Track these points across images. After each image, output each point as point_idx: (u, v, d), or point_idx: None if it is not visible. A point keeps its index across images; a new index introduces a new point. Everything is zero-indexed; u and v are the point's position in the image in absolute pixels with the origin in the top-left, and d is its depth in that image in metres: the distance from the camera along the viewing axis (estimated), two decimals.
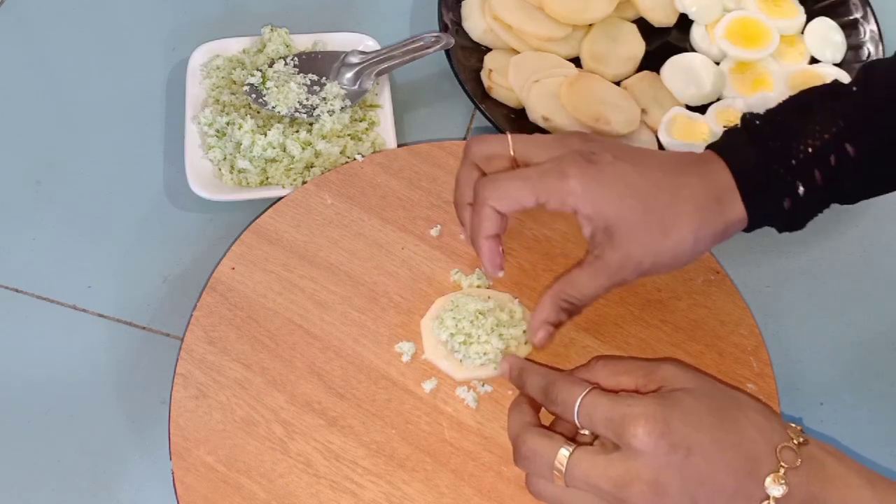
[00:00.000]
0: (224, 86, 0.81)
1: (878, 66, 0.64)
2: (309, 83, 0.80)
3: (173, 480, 0.61)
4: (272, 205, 0.73)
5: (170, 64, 0.86)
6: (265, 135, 0.76)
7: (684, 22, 0.87)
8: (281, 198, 0.73)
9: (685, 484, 0.50)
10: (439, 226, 0.72)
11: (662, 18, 0.86)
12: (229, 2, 0.91)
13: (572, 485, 0.53)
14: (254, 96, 0.79)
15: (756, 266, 0.75)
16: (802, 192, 0.60)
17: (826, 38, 0.86)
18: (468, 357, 0.64)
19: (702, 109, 0.81)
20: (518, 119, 0.80)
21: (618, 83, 0.82)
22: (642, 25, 0.86)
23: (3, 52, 0.87)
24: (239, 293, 0.68)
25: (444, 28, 0.84)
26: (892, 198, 0.64)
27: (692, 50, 0.85)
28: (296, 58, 0.81)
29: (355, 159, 0.76)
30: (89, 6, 0.91)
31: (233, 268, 0.69)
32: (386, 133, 0.79)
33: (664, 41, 0.87)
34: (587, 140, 0.61)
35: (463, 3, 0.86)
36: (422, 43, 0.81)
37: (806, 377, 0.70)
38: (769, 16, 0.85)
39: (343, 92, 0.79)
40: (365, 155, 0.76)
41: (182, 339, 0.66)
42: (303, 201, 0.73)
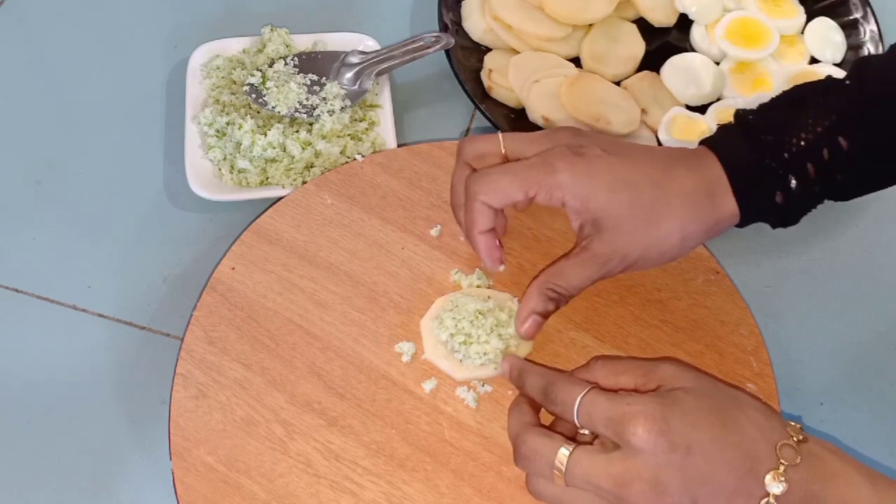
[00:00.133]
0: (224, 86, 0.81)
1: (873, 62, 0.64)
2: (309, 83, 0.80)
3: (173, 480, 0.60)
4: (272, 205, 0.73)
5: (170, 64, 0.86)
6: (265, 135, 0.76)
7: (684, 22, 0.87)
8: (281, 198, 0.73)
9: (685, 482, 0.50)
10: (439, 226, 0.72)
11: (662, 18, 0.86)
12: (229, 2, 0.91)
13: (572, 484, 0.53)
14: (254, 96, 0.79)
15: (756, 266, 0.75)
16: (795, 186, 0.59)
17: (826, 38, 0.86)
18: (468, 357, 0.64)
19: (702, 109, 0.81)
20: (518, 119, 0.80)
21: (618, 83, 0.82)
22: (642, 25, 0.86)
23: (3, 52, 0.87)
24: (239, 293, 0.68)
25: (444, 28, 0.84)
26: (893, 198, 0.64)
27: (692, 50, 0.85)
28: (296, 58, 0.81)
29: (355, 159, 0.76)
30: (89, 6, 0.91)
31: (233, 268, 0.69)
32: (386, 133, 0.79)
33: (664, 41, 0.87)
34: (577, 134, 0.61)
35: (463, 3, 0.86)
36: (422, 43, 0.81)
37: (806, 377, 0.70)
38: (769, 16, 0.85)
39: (343, 92, 0.79)
40: (365, 155, 0.76)
41: (182, 339, 0.66)
42: (303, 201, 0.73)
